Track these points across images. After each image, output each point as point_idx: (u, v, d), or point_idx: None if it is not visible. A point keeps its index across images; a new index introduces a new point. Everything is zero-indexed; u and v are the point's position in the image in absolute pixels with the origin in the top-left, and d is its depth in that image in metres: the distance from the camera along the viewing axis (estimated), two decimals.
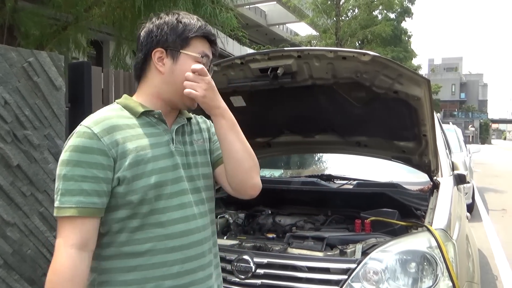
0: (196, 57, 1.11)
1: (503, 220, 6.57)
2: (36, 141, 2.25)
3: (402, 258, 1.61)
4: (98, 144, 1.01)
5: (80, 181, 0.98)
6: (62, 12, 3.92)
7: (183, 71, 1.09)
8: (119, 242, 1.03)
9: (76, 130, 1.05)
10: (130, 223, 1.03)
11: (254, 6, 24.40)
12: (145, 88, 1.13)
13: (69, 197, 0.98)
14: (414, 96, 1.94)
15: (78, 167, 0.99)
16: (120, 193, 1.02)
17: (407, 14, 18.97)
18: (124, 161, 1.02)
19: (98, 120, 1.04)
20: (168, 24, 1.10)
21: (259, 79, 2.08)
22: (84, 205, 0.98)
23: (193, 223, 1.09)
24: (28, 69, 2.22)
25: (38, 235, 2.26)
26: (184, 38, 1.10)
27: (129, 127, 1.06)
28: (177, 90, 1.10)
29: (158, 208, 1.05)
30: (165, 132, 1.11)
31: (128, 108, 1.10)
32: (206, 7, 3.47)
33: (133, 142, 1.04)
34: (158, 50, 1.10)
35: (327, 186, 2.52)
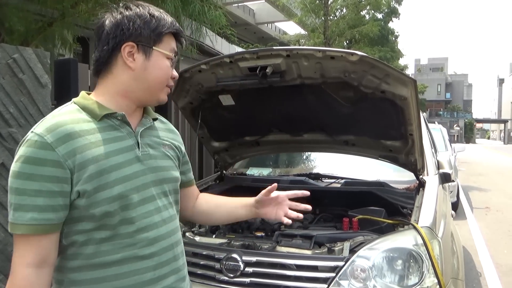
0: (168, 54, 1.06)
1: (486, 218, 6.70)
2: (21, 138, 2.21)
3: (388, 256, 1.63)
4: (52, 155, 0.91)
5: (33, 196, 0.90)
6: (48, 8, 3.85)
7: (156, 68, 1.04)
8: (86, 254, 0.97)
9: (27, 137, 0.94)
10: (97, 234, 0.97)
11: (242, 5, 24.33)
12: (109, 86, 1.04)
13: (21, 213, 0.90)
14: (401, 96, 1.97)
15: (30, 180, 0.90)
16: (81, 206, 0.95)
17: (394, 15, 19.13)
18: (82, 173, 0.94)
19: (52, 127, 0.93)
20: (140, 17, 1.02)
21: (248, 78, 2.08)
22: (38, 222, 0.91)
23: (162, 228, 1.05)
24: (13, 65, 2.19)
25: None
26: (158, 33, 1.04)
27: (88, 133, 0.97)
28: (148, 87, 1.05)
29: (127, 218, 0.99)
30: (129, 135, 1.04)
31: (87, 110, 1.01)
32: (195, 5, 3.45)
33: (93, 150, 0.96)
34: (129, 44, 1.01)
35: (315, 185, 2.53)
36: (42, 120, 0.98)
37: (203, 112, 2.46)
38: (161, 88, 1.08)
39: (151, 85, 1.05)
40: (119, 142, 1.01)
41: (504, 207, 7.54)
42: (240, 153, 2.86)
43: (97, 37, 1.04)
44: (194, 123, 2.59)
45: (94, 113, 1.01)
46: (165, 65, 1.07)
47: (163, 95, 1.10)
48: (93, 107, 1.01)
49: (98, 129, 0.99)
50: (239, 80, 2.11)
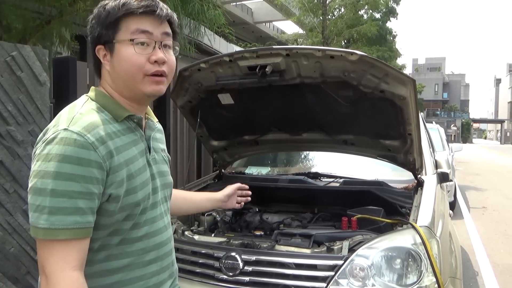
0: (127, 41, 0.95)
1: (483, 217, 6.73)
2: (19, 137, 2.20)
3: (387, 255, 1.63)
4: (95, 156, 0.88)
5: (76, 198, 0.85)
6: (46, 6, 3.84)
7: (121, 61, 0.97)
8: (97, 260, 0.95)
9: (57, 135, 0.88)
10: (111, 240, 0.96)
11: (241, 3, 24.33)
12: (106, 88, 1.03)
13: (61, 217, 0.85)
14: (400, 95, 1.97)
15: (71, 181, 0.85)
16: (107, 211, 0.92)
17: (392, 14, 19.17)
18: (116, 176, 0.91)
19: (90, 127, 0.90)
20: (95, 17, 0.99)
21: (247, 77, 2.08)
22: (81, 225, 0.87)
23: (164, 234, 1.06)
24: (11, 63, 2.18)
25: (21, 233, 2.22)
26: (110, 23, 0.96)
27: (116, 135, 0.95)
28: (124, 83, 0.99)
29: (138, 222, 0.98)
30: (141, 138, 1.03)
31: (108, 110, 0.98)
32: (194, 4, 3.45)
33: (124, 153, 0.95)
34: (100, 48, 0.99)
35: (314, 184, 2.54)
36: (69, 117, 0.92)
37: (202, 111, 2.46)
38: (137, 79, 0.98)
39: (125, 80, 0.99)
40: (137, 146, 1.01)
41: (501, 207, 7.58)
42: (239, 152, 2.86)
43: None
44: (193, 122, 2.58)
45: (115, 114, 0.98)
46: (128, 54, 0.96)
47: (146, 86, 0.99)
48: (114, 108, 0.99)
49: (121, 131, 0.98)
50: (239, 79, 2.11)
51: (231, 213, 2.50)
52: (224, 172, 2.97)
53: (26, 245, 2.24)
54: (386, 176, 2.68)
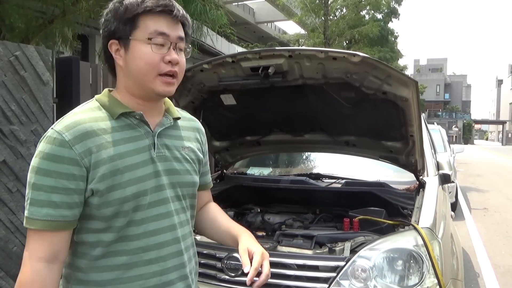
0: (145, 40, 0.97)
1: (484, 218, 6.73)
2: (22, 136, 2.22)
3: (389, 256, 1.64)
4: (70, 153, 0.92)
5: (50, 192, 0.91)
6: (49, 5, 3.85)
7: (135, 59, 0.98)
8: (94, 256, 0.98)
9: (47, 133, 0.96)
10: (105, 236, 0.97)
11: (242, 4, 24.33)
12: (118, 84, 1.05)
13: (37, 208, 0.91)
14: (402, 97, 1.97)
15: (47, 176, 0.91)
16: (93, 205, 0.96)
17: (394, 15, 19.17)
18: (97, 172, 0.94)
19: (71, 125, 0.94)
20: (111, 11, 0.99)
21: (250, 78, 2.08)
22: (53, 218, 0.92)
23: (171, 233, 1.03)
24: (15, 63, 2.19)
25: (24, 232, 2.23)
26: (127, 20, 0.97)
27: (105, 132, 0.97)
28: (136, 81, 1.00)
29: (135, 220, 0.98)
30: (146, 135, 1.02)
31: (106, 108, 1.01)
32: (197, 4, 3.45)
33: (108, 149, 0.96)
34: (113, 42, 1.00)
35: (315, 185, 2.54)
36: (63, 117, 0.99)
37: (204, 112, 2.47)
38: (150, 79, 0.99)
39: (137, 78, 1.00)
40: (135, 142, 1.00)
41: (502, 208, 7.57)
42: (241, 152, 2.87)
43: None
44: None
45: (112, 111, 1.00)
46: (144, 53, 0.97)
47: (158, 85, 1.00)
48: (111, 105, 1.01)
49: (115, 128, 0.99)
50: (241, 80, 2.11)
51: (233, 214, 2.51)
52: (226, 172, 2.97)
53: None
54: (387, 177, 2.68)
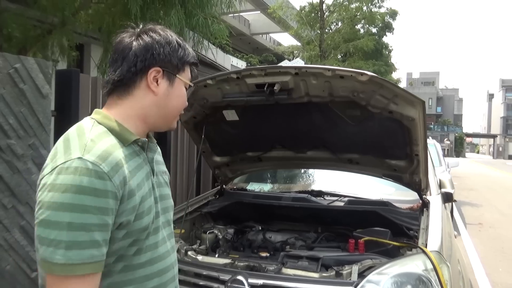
0: (187, 84, 1.06)
1: (480, 234, 6.72)
2: (20, 150, 2.15)
3: (398, 281, 1.59)
4: (111, 186, 0.85)
5: (93, 231, 0.82)
6: (48, 15, 3.81)
7: (177, 96, 1.03)
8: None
9: (73, 164, 0.84)
10: (114, 266, 0.92)
11: (238, 15, 24.51)
12: (129, 108, 0.99)
13: (79, 251, 0.81)
14: (409, 116, 1.96)
15: (89, 213, 0.81)
16: (114, 238, 0.89)
17: (388, 29, 19.43)
18: (128, 203, 0.89)
19: (103, 155, 0.87)
20: (170, 44, 1.01)
21: (255, 95, 2.06)
22: (97, 259, 0.83)
23: (168, 259, 1.03)
24: (14, 75, 2.14)
25: (18, 250, 2.15)
26: (183, 63, 1.04)
27: (126, 161, 0.92)
28: (166, 114, 1.03)
29: (142, 247, 0.95)
30: (145, 161, 1.00)
31: (115, 133, 0.95)
32: (198, 18, 3.44)
33: (133, 179, 0.92)
34: (156, 69, 0.99)
35: (318, 203, 2.50)
36: (81, 144, 0.89)
37: (206, 127, 2.43)
38: (176, 116, 1.07)
39: (170, 112, 1.04)
40: (142, 170, 0.98)
41: (497, 223, 7.58)
42: (241, 168, 2.83)
43: (120, 55, 0.99)
44: (196, 137, 2.55)
45: (123, 137, 0.96)
46: (184, 94, 1.06)
47: (175, 122, 1.09)
48: (121, 131, 0.96)
49: (128, 156, 0.95)
50: (246, 96, 2.09)
51: (233, 231, 2.46)
52: (226, 188, 2.93)
53: (22, 263, 2.17)
54: (389, 195, 2.66)
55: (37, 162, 2.23)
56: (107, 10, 3.77)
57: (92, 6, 4.21)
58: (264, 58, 27.34)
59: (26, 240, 2.19)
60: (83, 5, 3.89)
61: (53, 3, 3.63)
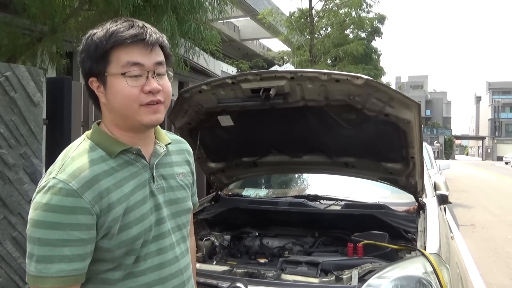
0: (119, 71, 0.92)
1: (472, 235, 6.77)
2: (11, 160, 2.11)
3: (398, 284, 1.58)
4: (80, 203, 0.86)
5: (61, 246, 0.85)
6: (38, 23, 3.77)
7: (114, 95, 0.93)
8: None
9: (47, 183, 0.88)
10: (113, 275, 0.93)
11: (227, 21, 24.58)
12: (105, 120, 1.00)
13: (47, 265, 0.84)
14: (405, 119, 1.96)
15: (56, 230, 0.84)
16: (103, 248, 0.90)
17: (377, 34, 19.64)
18: (107, 216, 0.89)
19: (75, 173, 0.88)
20: (84, 51, 0.95)
21: (250, 100, 2.04)
22: (66, 273, 0.85)
23: (175, 266, 1.01)
24: (5, 83, 2.10)
25: (10, 262, 2.10)
26: (99, 58, 0.92)
27: (108, 174, 0.92)
28: (121, 115, 0.95)
29: (140, 255, 0.95)
30: (144, 168, 0.98)
31: (102, 147, 0.95)
32: (191, 24, 3.43)
33: (115, 192, 0.91)
34: (92, 80, 0.95)
35: (314, 207, 2.49)
36: (61, 163, 0.92)
37: (201, 133, 2.41)
38: (133, 111, 0.94)
39: (121, 112, 0.95)
40: (136, 179, 0.96)
41: (489, 224, 7.65)
42: (236, 174, 2.81)
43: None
44: (191, 143, 2.52)
45: (109, 150, 0.95)
46: (121, 87, 0.92)
47: (143, 116, 0.95)
48: (108, 144, 0.96)
49: (115, 168, 0.94)
50: (241, 102, 2.07)
51: (230, 238, 2.43)
52: (221, 194, 2.90)
53: (14, 275, 2.12)
54: (385, 199, 2.66)
55: (29, 171, 2.19)
56: (98, 17, 3.75)
57: (82, 13, 4.17)
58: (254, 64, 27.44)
59: (18, 251, 2.14)
60: (74, 12, 3.85)
61: (43, 11, 3.59)
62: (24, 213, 2.16)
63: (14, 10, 3.85)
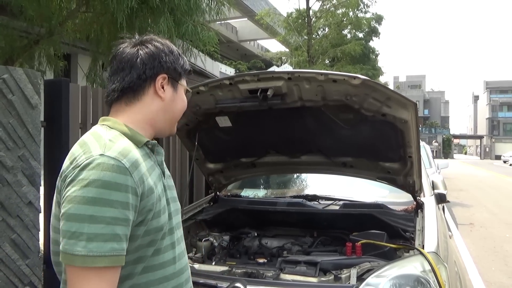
0: (187, 89, 1.14)
1: (471, 234, 6.78)
2: (9, 163, 2.11)
3: (397, 283, 1.59)
4: (131, 181, 0.87)
5: (113, 224, 0.83)
6: (35, 26, 3.77)
7: (181, 101, 1.10)
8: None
9: (93, 160, 0.86)
10: (135, 268, 0.93)
11: (225, 22, 24.59)
12: (137, 113, 1.02)
13: (99, 243, 0.82)
14: (402, 119, 1.97)
15: (110, 207, 0.83)
16: (135, 236, 0.90)
17: (374, 34, 19.67)
18: (148, 200, 0.91)
19: (124, 152, 0.89)
20: (173, 53, 1.08)
21: (248, 100, 2.05)
22: (117, 252, 0.84)
23: (183, 260, 1.05)
24: (2, 86, 2.10)
25: (9, 264, 2.10)
26: (184, 70, 1.11)
27: (141, 160, 0.94)
28: (172, 118, 1.09)
29: (160, 248, 0.96)
30: (155, 164, 1.03)
31: (129, 136, 0.97)
32: (188, 25, 3.44)
33: (150, 178, 0.94)
34: (162, 76, 1.04)
35: (313, 207, 2.50)
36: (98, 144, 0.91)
37: (199, 134, 2.42)
38: (177, 119, 1.13)
39: (175, 116, 1.10)
40: (154, 171, 1.00)
41: (488, 223, 7.66)
42: (235, 174, 2.81)
43: (127, 64, 1.02)
44: (189, 145, 2.53)
45: (135, 139, 0.98)
46: (185, 99, 1.13)
47: (175, 127, 1.14)
48: (133, 134, 0.99)
49: (142, 156, 0.97)
50: (239, 102, 2.08)
51: (228, 238, 2.44)
52: (220, 195, 2.90)
53: (14, 277, 2.12)
54: (383, 198, 2.67)
55: (27, 173, 2.19)
56: (95, 19, 3.75)
57: (79, 15, 4.17)
58: (252, 65, 27.45)
59: (18, 253, 2.14)
60: (71, 14, 3.85)
61: (40, 13, 3.59)
62: (22, 215, 2.16)
63: (11, 13, 3.85)
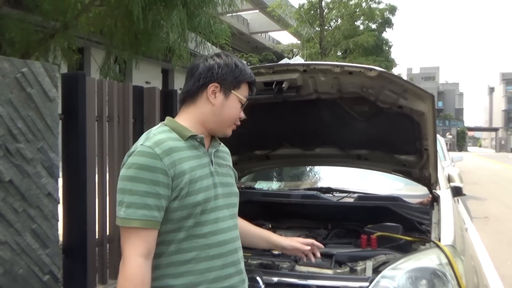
0: (241, 99, 1.30)
1: (486, 228, 6.70)
2: (29, 154, 2.16)
3: (413, 276, 1.59)
4: (160, 164, 1.13)
5: (145, 196, 1.11)
6: (50, 20, 3.81)
7: (231, 108, 1.28)
8: (169, 252, 1.17)
9: (135, 149, 1.16)
10: (177, 235, 1.17)
11: (236, 14, 24.48)
12: (192, 114, 1.27)
13: (134, 210, 1.10)
14: (418, 111, 1.95)
15: (142, 183, 1.11)
16: (172, 208, 1.15)
17: (387, 25, 19.39)
18: (180, 180, 1.15)
19: (158, 142, 1.16)
20: (228, 66, 1.27)
21: (263, 93, 2.05)
22: (147, 218, 1.11)
23: (228, 234, 1.24)
24: (21, 79, 2.14)
25: (30, 253, 2.16)
26: (238, 81, 1.29)
27: (181, 149, 1.19)
28: (221, 121, 1.28)
29: (201, 221, 1.19)
30: (204, 154, 1.26)
31: (177, 131, 1.23)
32: (201, 18, 3.44)
33: (186, 163, 1.18)
34: (214, 85, 1.25)
35: (327, 200, 2.50)
36: (146, 137, 1.20)
37: None
38: (230, 124, 1.31)
39: (223, 120, 1.29)
40: (199, 159, 1.23)
41: (503, 217, 7.56)
42: (249, 167, 2.82)
43: (190, 74, 1.29)
44: None
45: (182, 134, 1.23)
46: (238, 107, 1.30)
47: (230, 130, 1.33)
48: (181, 129, 1.24)
49: (185, 147, 1.22)
50: (254, 95, 2.07)
51: None
52: None
53: (34, 266, 2.17)
54: (399, 191, 2.65)
55: (46, 165, 2.24)
56: (109, 13, 3.77)
57: (93, 9, 4.20)
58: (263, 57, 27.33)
59: (38, 243, 2.19)
60: (85, 8, 3.88)
61: (55, 7, 3.63)
62: (42, 205, 2.21)
63: (27, 7, 3.90)
